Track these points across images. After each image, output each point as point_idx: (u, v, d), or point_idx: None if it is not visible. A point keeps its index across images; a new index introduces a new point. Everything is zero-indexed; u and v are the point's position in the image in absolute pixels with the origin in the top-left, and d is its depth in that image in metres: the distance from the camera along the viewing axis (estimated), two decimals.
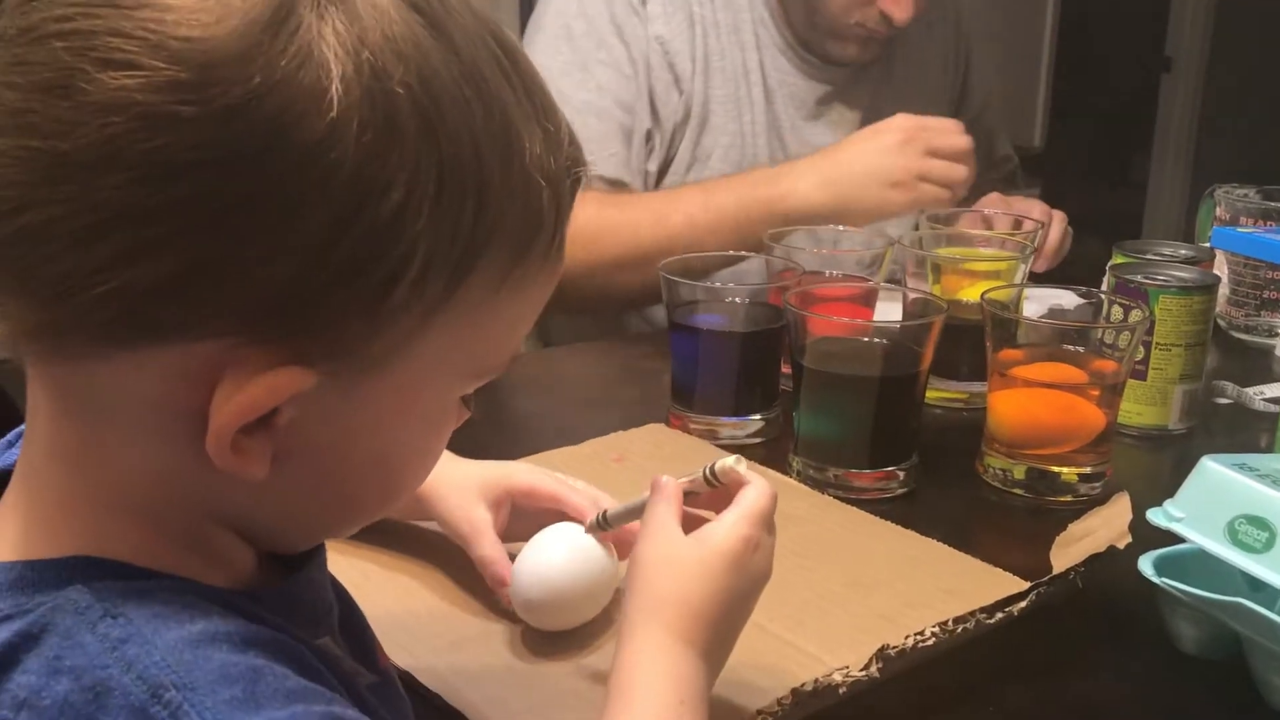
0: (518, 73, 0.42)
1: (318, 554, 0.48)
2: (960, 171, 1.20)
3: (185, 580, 0.40)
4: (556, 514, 0.72)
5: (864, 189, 1.19)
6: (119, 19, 0.34)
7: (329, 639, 0.46)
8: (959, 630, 0.65)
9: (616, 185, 1.30)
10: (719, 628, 0.55)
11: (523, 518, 0.73)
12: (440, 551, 0.76)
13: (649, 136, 1.32)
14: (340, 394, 0.40)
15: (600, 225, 1.22)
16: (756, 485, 0.59)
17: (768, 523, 0.59)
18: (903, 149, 1.20)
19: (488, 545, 0.71)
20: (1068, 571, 0.71)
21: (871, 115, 1.35)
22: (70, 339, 0.37)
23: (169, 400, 0.38)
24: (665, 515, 0.58)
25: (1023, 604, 0.68)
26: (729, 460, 0.60)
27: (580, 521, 0.69)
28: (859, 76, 1.41)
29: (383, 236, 0.37)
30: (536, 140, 0.41)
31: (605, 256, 1.22)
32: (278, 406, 0.39)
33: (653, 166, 1.33)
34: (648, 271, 1.20)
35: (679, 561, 0.56)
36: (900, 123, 1.22)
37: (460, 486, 0.73)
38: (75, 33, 0.34)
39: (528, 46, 1.33)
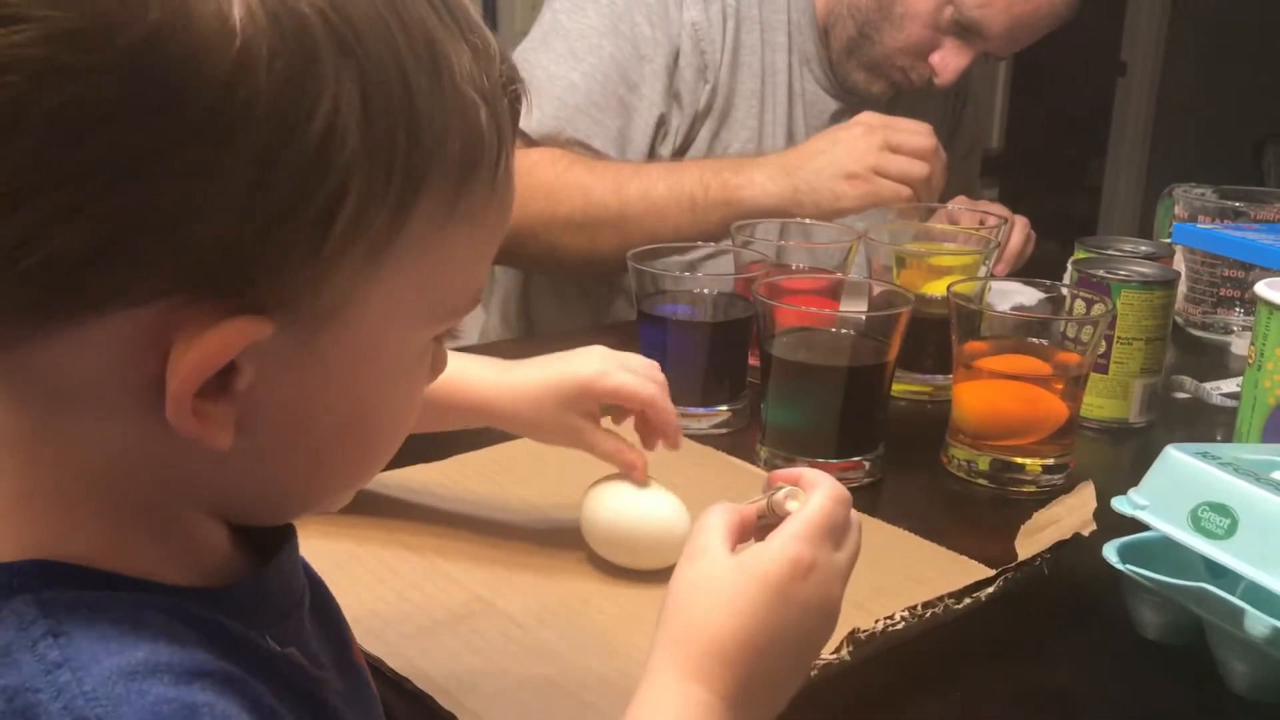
0: None
1: (289, 540, 0.46)
2: (919, 168, 1.18)
3: (145, 585, 0.38)
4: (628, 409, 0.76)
5: (818, 180, 1.18)
6: None
7: (295, 649, 0.43)
8: (928, 615, 0.65)
9: (600, 157, 1.28)
10: (754, 669, 0.48)
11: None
12: (421, 530, 0.77)
13: (663, 120, 1.30)
14: (299, 348, 0.38)
15: (562, 182, 1.22)
16: (820, 492, 0.52)
17: (831, 538, 0.52)
18: (861, 141, 1.18)
19: (604, 440, 0.75)
20: (1034, 558, 0.72)
21: None
22: (5, 321, 0.35)
23: (122, 373, 0.36)
24: (712, 530, 0.52)
25: (990, 589, 0.68)
26: (780, 494, 0.54)
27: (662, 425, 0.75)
28: (865, 104, 1.41)
29: (312, 168, 0.35)
30: (464, 56, 0.39)
31: (558, 213, 1.22)
32: (237, 368, 0.37)
33: (665, 151, 1.32)
34: (597, 237, 1.22)
35: (713, 589, 0.49)
36: (865, 117, 1.22)
37: (538, 399, 0.74)
38: None
39: (547, 3, 1.31)
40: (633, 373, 0.75)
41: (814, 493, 0.53)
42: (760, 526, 0.53)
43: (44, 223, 0.33)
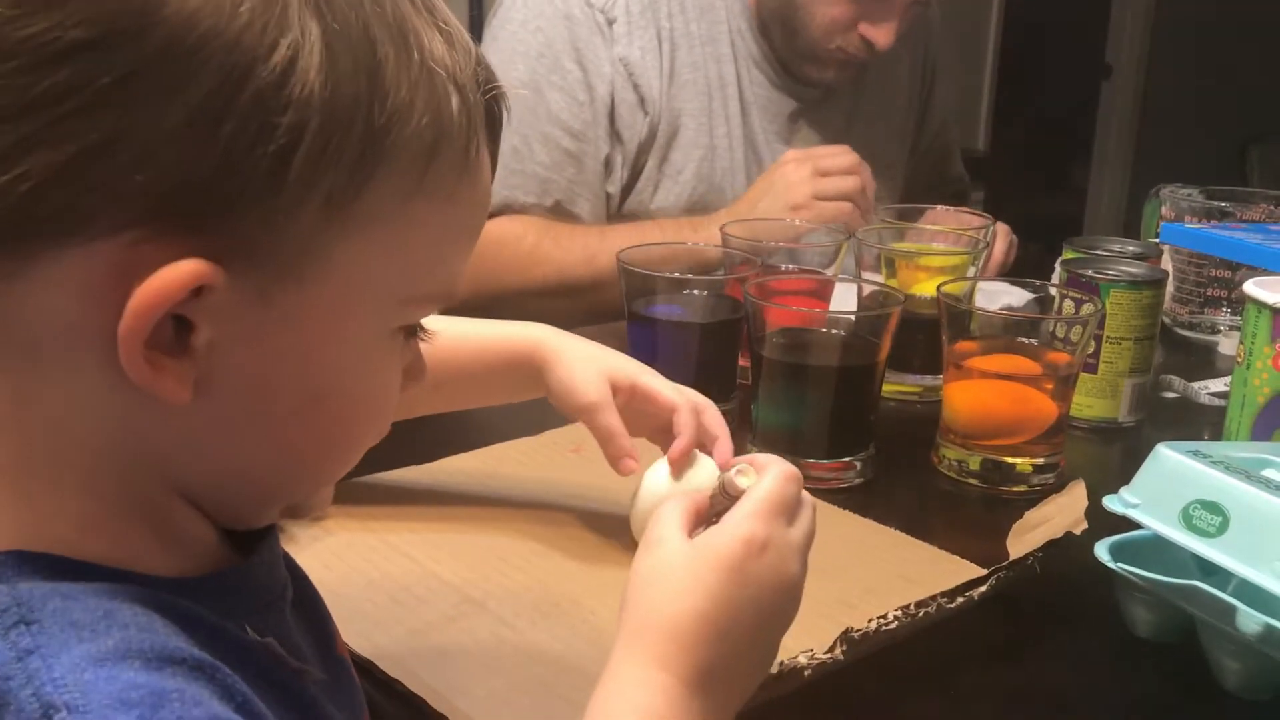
0: None
1: (270, 535, 0.47)
2: (852, 183, 1.26)
3: (123, 575, 0.39)
4: (654, 419, 0.75)
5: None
6: None
7: (274, 639, 0.43)
8: (921, 614, 0.65)
9: (562, 213, 1.31)
10: (715, 650, 0.48)
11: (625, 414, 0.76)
12: (411, 532, 0.76)
13: (608, 161, 1.32)
14: (259, 306, 0.38)
15: (537, 256, 1.27)
16: (771, 472, 0.53)
17: (784, 515, 0.52)
18: (794, 174, 1.26)
19: (613, 418, 0.74)
20: (1026, 557, 0.72)
21: (842, 136, 1.38)
22: None
23: (83, 321, 0.37)
24: (667, 520, 0.52)
25: (983, 588, 0.68)
26: (731, 472, 0.54)
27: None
28: (830, 96, 1.43)
29: (269, 103, 0.36)
30: (436, 41, 0.40)
31: (535, 284, 1.27)
32: (194, 324, 0.37)
33: (613, 189, 1.34)
34: (580, 301, 1.27)
35: (668, 574, 0.49)
36: (789, 155, 1.29)
37: (587, 361, 0.76)
38: None
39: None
40: (673, 387, 0.77)
41: (764, 473, 0.53)
42: (715, 511, 0.54)
43: (8, 150, 0.34)
